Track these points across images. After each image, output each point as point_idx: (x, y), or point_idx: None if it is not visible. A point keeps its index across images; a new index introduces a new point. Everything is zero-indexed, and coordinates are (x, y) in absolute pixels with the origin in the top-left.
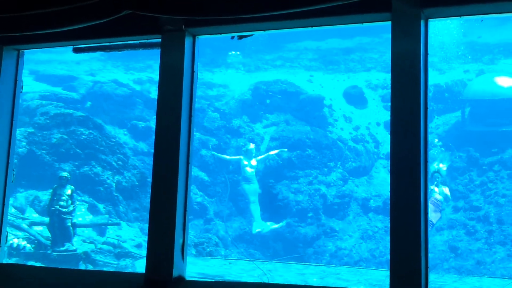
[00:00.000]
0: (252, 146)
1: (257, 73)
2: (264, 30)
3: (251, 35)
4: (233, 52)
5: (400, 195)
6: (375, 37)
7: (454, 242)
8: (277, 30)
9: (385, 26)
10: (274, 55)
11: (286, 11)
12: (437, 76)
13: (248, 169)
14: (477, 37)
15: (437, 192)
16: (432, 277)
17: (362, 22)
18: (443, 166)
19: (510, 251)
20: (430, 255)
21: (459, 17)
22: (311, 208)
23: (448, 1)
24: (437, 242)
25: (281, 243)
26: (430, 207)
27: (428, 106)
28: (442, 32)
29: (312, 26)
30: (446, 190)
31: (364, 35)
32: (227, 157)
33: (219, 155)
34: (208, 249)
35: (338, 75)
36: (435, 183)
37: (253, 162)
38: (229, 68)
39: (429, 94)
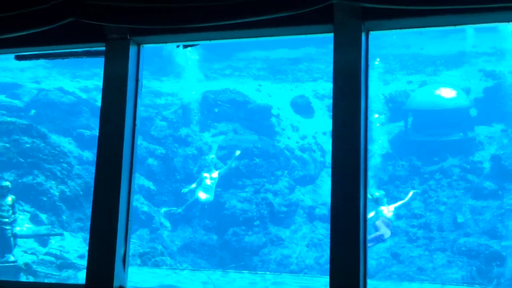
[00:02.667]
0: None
1: (206, 82)
2: (210, 40)
3: (197, 44)
4: (183, 59)
5: (339, 203)
6: (322, 48)
7: (396, 249)
8: (223, 40)
9: (331, 37)
10: (223, 64)
11: (229, 21)
12: (382, 87)
13: (208, 181)
14: (420, 49)
15: (386, 210)
16: (374, 283)
17: (305, 34)
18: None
19: (450, 257)
20: (373, 262)
21: (402, 30)
22: (258, 216)
23: (389, 14)
24: (379, 249)
25: (227, 252)
26: (381, 225)
27: (368, 117)
28: (386, 44)
29: (256, 37)
30: (392, 208)
31: (311, 45)
32: None
33: None
34: (153, 259)
35: (286, 85)
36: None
37: (214, 174)
38: (178, 77)
39: (374, 106)
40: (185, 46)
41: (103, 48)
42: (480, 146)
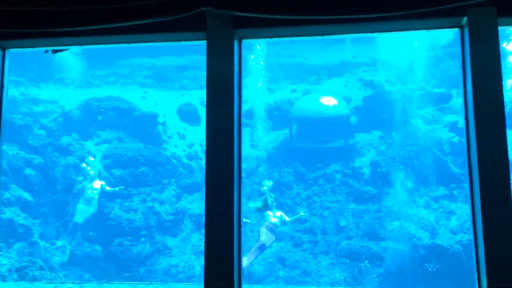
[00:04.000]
0: (87, 165)
1: (89, 89)
2: (80, 45)
3: (67, 49)
4: (64, 66)
5: (213, 209)
6: None
7: (282, 253)
8: (94, 45)
9: None
10: (107, 71)
11: (101, 26)
12: (267, 95)
13: (90, 192)
14: (304, 59)
15: (271, 215)
16: None
17: (179, 40)
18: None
19: (334, 259)
20: (260, 267)
21: (278, 39)
22: (145, 226)
23: (259, 23)
24: (266, 255)
25: (112, 264)
26: (264, 231)
27: (241, 123)
28: (271, 53)
29: (129, 43)
30: (278, 214)
31: (198, 53)
32: None
33: None
34: (31, 273)
35: (172, 92)
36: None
37: (96, 184)
38: (58, 84)
39: (263, 113)
40: (54, 51)
41: None
42: (360, 152)
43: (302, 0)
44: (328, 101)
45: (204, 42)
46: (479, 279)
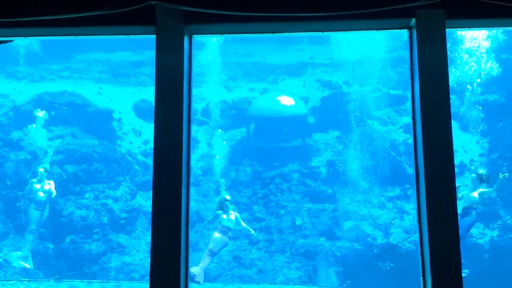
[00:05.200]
0: (41, 169)
1: (42, 83)
2: (24, 36)
3: (11, 40)
4: (16, 59)
5: (161, 210)
6: None
7: (238, 252)
8: (41, 37)
9: None
10: (61, 66)
11: (45, 17)
12: (225, 93)
13: (41, 194)
14: (262, 58)
15: (226, 219)
16: (213, 286)
17: (127, 34)
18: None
19: (289, 258)
20: (214, 266)
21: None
22: (98, 223)
23: (210, 19)
24: (221, 253)
25: (64, 261)
26: (214, 237)
27: (191, 119)
28: (229, 51)
29: (75, 35)
30: (233, 216)
31: (154, 49)
32: None
33: None
34: None
35: (128, 88)
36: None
37: (46, 186)
38: (9, 77)
39: (217, 112)
40: None
41: None
42: (317, 152)
43: None
44: (286, 100)
45: (150, 36)
46: (424, 277)
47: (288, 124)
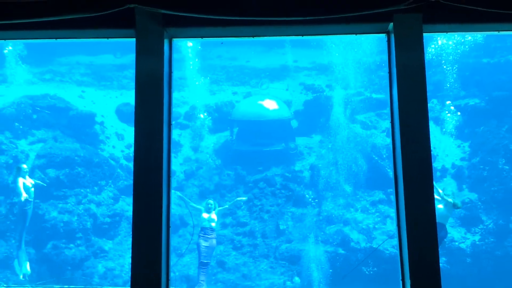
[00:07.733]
0: (25, 166)
1: (23, 86)
2: (4, 39)
3: None
4: None
5: (142, 214)
6: None
7: (222, 257)
8: (19, 40)
9: None
10: (43, 69)
11: (24, 20)
12: (208, 97)
13: (24, 194)
14: (245, 61)
15: (206, 219)
16: None
17: (107, 37)
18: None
19: (273, 263)
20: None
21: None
22: (80, 228)
23: (189, 22)
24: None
25: (46, 266)
26: (202, 244)
27: (174, 123)
28: (213, 55)
29: (54, 38)
30: (214, 216)
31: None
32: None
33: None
34: None
35: (111, 92)
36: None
37: (29, 183)
38: None
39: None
40: None
41: None
42: (300, 156)
43: (232, 1)
44: (269, 104)
45: (130, 40)
46: (403, 280)
47: (272, 128)
